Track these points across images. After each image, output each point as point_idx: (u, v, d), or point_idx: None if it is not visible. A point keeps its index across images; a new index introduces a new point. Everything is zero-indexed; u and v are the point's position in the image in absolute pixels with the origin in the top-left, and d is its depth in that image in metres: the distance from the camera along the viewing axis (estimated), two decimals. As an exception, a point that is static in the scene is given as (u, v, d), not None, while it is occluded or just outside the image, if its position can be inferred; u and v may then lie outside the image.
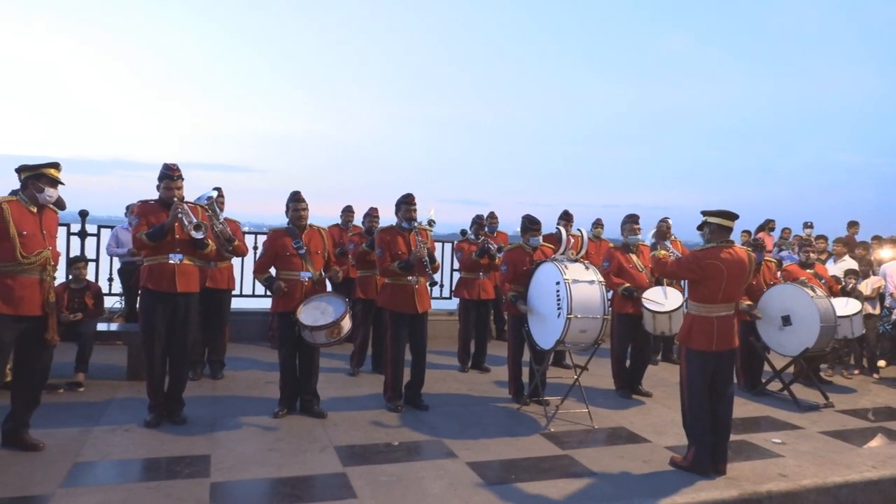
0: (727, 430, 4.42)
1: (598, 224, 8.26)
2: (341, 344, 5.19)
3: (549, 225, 6.26)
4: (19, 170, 4.05)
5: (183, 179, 4.73)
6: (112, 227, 7.45)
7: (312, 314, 4.84)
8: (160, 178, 4.73)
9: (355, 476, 3.97)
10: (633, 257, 6.22)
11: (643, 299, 5.94)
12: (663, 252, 4.61)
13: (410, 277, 5.35)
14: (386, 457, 4.36)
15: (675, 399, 6.27)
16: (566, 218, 7.40)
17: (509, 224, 8.02)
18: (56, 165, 4.10)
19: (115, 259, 7.48)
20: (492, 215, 7.90)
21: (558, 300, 5.12)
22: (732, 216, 4.33)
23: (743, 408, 5.90)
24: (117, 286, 7.76)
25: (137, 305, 6.96)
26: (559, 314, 5.10)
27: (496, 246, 6.87)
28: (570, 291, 5.02)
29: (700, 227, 4.42)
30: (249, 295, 8.19)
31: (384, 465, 4.18)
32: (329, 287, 5.32)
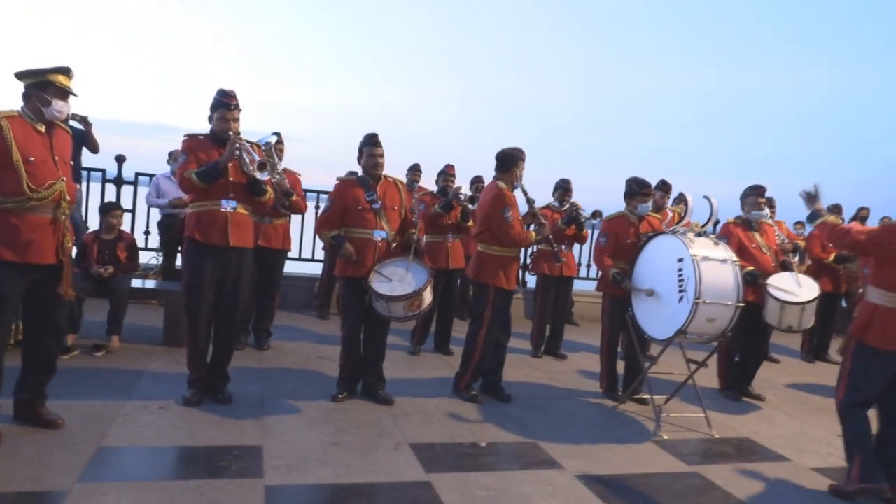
0: None
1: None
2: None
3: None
4: (20, 75, 3.16)
5: (240, 110, 3.90)
6: (152, 176, 6.70)
7: (388, 282, 4.00)
8: (213, 108, 3.89)
9: (444, 487, 3.15)
10: (756, 236, 5.24)
11: (768, 286, 4.97)
12: (832, 217, 3.69)
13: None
14: (475, 462, 3.54)
15: (796, 405, 5.35)
16: (664, 188, 6.42)
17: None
18: (66, 71, 3.20)
19: (155, 211, 6.73)
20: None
21: (681, 281, 4.21)
22: None
23: None
24: (154, 241, 7.02)
25: (178, 262, 6.20)
26: (681, 297, 4.19)
27: (587, 213, 5.91)
28: (700, 270, 4.11)
29: None
30: (296, 258, 7.37)
31: (476, 474, 3.35)
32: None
